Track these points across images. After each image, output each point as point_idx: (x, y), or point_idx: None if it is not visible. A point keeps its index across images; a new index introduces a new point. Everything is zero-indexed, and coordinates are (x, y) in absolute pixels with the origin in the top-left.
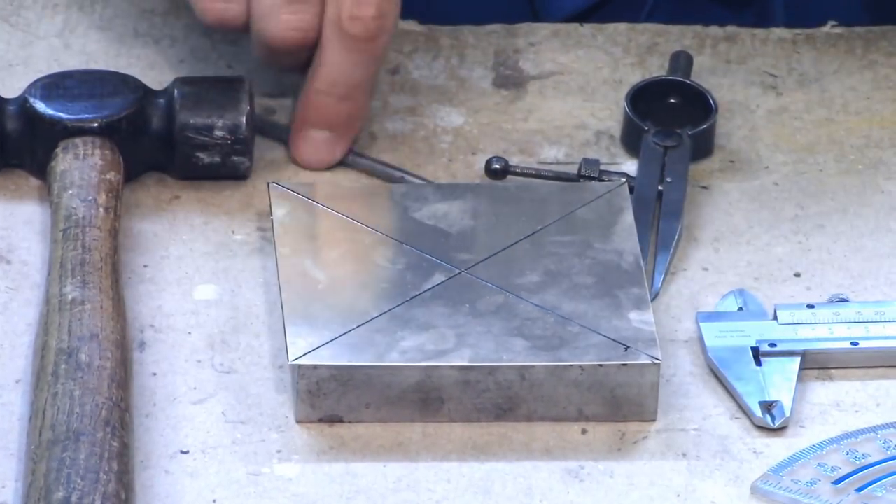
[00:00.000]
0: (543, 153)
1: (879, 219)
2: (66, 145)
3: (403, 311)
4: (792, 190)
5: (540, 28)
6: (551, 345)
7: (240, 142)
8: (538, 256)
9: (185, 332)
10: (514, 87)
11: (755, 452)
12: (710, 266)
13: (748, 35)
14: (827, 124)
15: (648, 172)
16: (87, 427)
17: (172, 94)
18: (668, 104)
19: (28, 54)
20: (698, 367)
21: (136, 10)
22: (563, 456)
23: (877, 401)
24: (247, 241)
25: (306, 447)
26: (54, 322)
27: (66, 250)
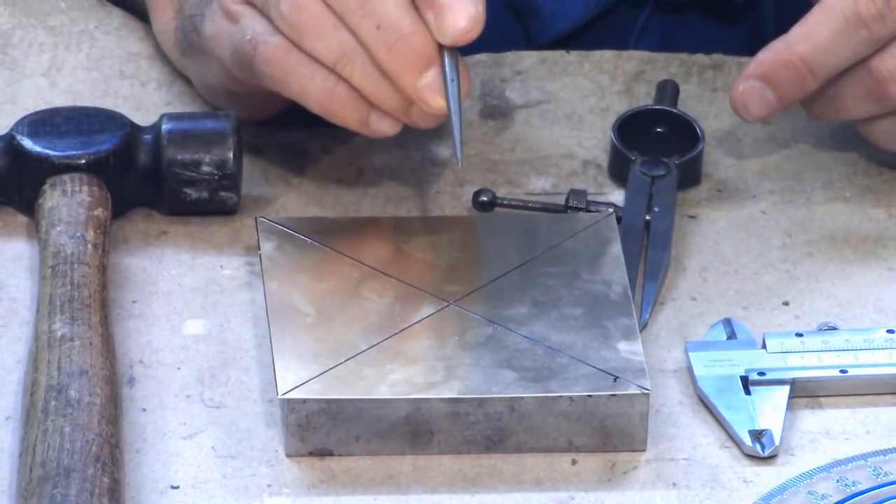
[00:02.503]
0: (531, 184)
1: (867, 246)
2: (53, 182)
3: (392, 343)
4: (780, 218)
5: (526, 56)
6: (540, 376)
7: (227, 177)
8: (526, 288)
9: (174, 367)
10: (500, 117)
11: (745, 481)
12: (698, 295)
13: (734, 63)
14: (814, 152)
15: (636, 202)
16: (78, 463)
17: (159, 129)
18: (655, 133)
19: (15, 92)
20: (688, 397)
21: (123, 51)
22: (554, 487)
23: (866, 428)
24: (235, 276)
25: (297, 481)
26: (44, 359)
27: (54, 287)
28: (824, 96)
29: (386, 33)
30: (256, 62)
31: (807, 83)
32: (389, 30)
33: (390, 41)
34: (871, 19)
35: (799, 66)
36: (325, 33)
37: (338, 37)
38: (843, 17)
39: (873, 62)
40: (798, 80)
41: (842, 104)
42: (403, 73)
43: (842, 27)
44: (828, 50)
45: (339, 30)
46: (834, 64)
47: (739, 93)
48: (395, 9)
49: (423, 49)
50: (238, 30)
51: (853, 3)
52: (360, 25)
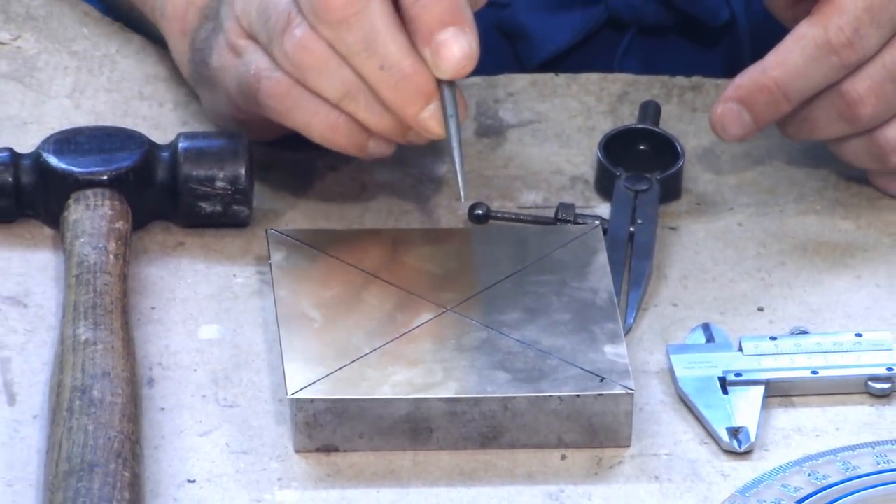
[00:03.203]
0: (523, 198)
1: (836, 256)
2: (77, 197)
3: (394, 347)
4: (755, 230)
5: (518, 79)
6: (532, 377)
7: (240, 192)
8: (519, 295)
9: (190, 369)
10: (494, 136)
11: (723, 475)
12: (679, 302)
13: (712, 85)
14: (787, 169)
15: (620, 215)
16: (101, 459)
17: (176, 147)
18: (638, 151)
19: (41, 112)
20: (669, 397)
21: (142, 74)
22: (545, 480)
23: (836, 425)
24: (247, 284)
25: (304, 475)
26: (69, 361)
27: (78, 294)
28: (798, 118)
29: (389, 73)
30: (260, 96)
31: (781, 106)
32: (392, 70)
33: (394, 80)
34: (841, 46)
35: (774, 90)
36: (328, 72)
37: (341, 75)
38: (814, 44)
39: (843, 86)
40: (773, 103)
41: (814, 125)
42: (406, 108)
43: (814, 53)
44: (801, 75)
45: (341, 68)
46: (807, 88)
47: (718, 114)
48: (397, 50)
49: (425, 86)
50: (242, 63)
51: (824, 31)
52: (365, 66)
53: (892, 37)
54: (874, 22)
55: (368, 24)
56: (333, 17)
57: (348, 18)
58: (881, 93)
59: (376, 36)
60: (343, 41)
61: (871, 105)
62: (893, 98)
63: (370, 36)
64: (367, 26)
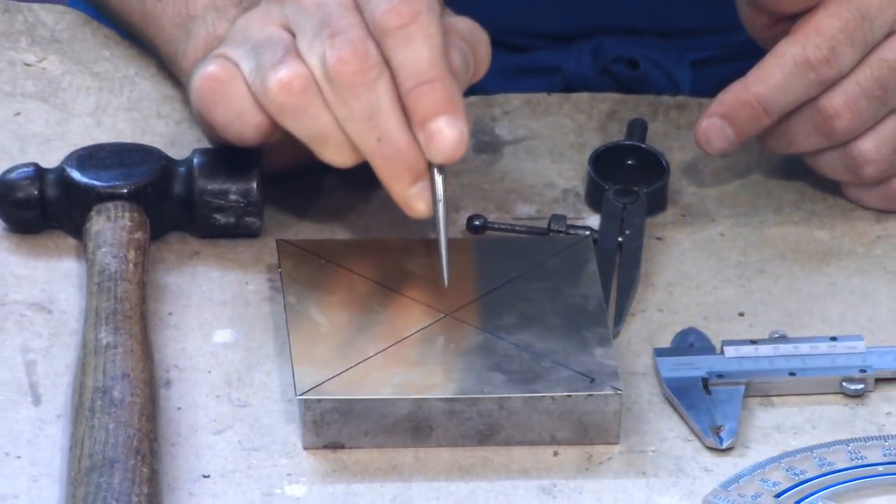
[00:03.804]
0: (517, 210)
1: (813, 264)
2: (99, 209)
3: (396, 350)
4: (736, 240)
5: (513, 98)
6: (526, 378)
7: (252, 204)
8: (514, 301)
9: (205, 371)
10: (491, 152)
11: (706, 470)
12: (664, 308)
13: (696, 104)
14: (766, 182)
15: (610, 226)
16: (121, 455)
17: (192, 162)
18: (626, 166)
19: (65, 130)
20: (655, 397)
21: (160, 94)
22: (538, 475)
23: (813, 424)
24: (259, 291)
25: (312, 470)
26: (91, 364)
27: (100, 301)
28: (777, 132)
29: (384, 146)
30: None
31: (762, 120)
32: (388, 143)
33: (387, 153)
34: (819, 64)
35: (755, 105)
36: (304, 118)
37: (316, 123)
38: (793, 62)
39: (821, 101)
40: (754, 118)
41: (792, 138)
42: (394, 182)
43: (792, 70)
44: (780, 91)
45: (318, 118)
46: (786, 103)
47: (702, 129)
48: (396, 127)
49: (415, 165)
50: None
51: (802, 49)
52: (363, 135)
53: (865, 55)
54: (849, 41)
55: (375, 96)
56: (345, 83)
57: (358, 87)
58: (855, 108)
59: (380, 109)
60: (348, 107)
61: (846, 119)
62: (867, 113)
63: (374, 108)
64: (373, 99)
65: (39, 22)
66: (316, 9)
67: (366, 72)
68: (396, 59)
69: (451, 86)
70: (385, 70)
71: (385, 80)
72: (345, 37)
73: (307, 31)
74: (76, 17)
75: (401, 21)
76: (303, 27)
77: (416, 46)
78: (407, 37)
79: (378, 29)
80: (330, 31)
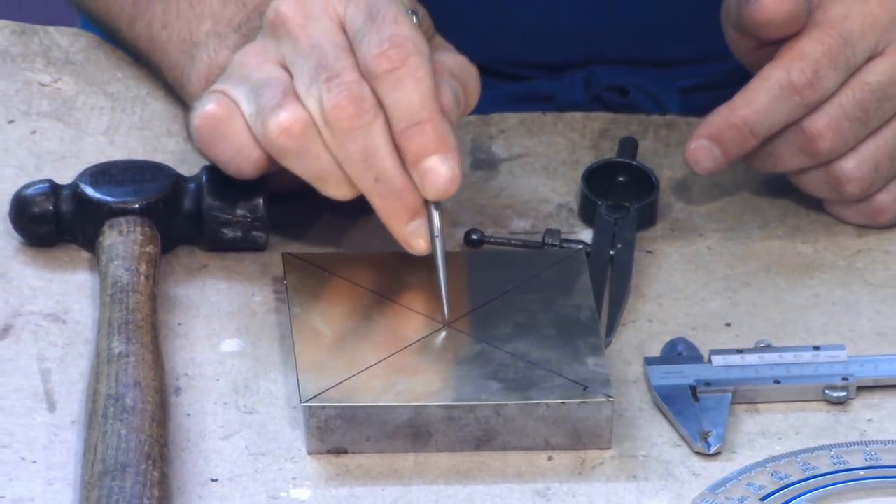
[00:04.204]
0: (513, 224)
1: (797, 276)
2: (111, 223)
3: (397, 359)
4: (723, 253)
5: (509, 117)
6: (522, 386)
7: (258, 219)
8: (510, 312)
9: (213, 379)
10: (487, 168)
11: (694, 474)
12: (654, 318)
13: (684, 122)
14: (752, 198)
15: (602, 240)
16: (132, 460)
17: (201, 179)
18: (617, 182)
19: (79, 148)
20: (646, 404)
21: (170, 113)
22: (533, 479)
23: (797, 430)
24: (265, 302)
25: (316, 474)
26: (104, 372)
27: (112, 312)
28: (763, 152)
29: (381, 185)
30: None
31: (748, 141)
32: (385, 183)
33: (384, 192)
34: (803, 87)
35: (742, 127)
36: (305, 158)
37: (317, 163)
38: (778, 85)
39: (805, 122)
40: (741, 139)
41: (778, 158)
42: (392, 220)
43: (778, 94)
44: (766, 113)
45: (318, 158)
46: (771, 125)
47: (691, 150)
48: (392, 167)
49: (412, 203)
50: None
51: (787, 73)
52: (361, 175)
53: (848, 78)
54: (832, 65)
55: (370, 138)
56: (341, 126)
57: (354, 130)
58: (838, 129)
59: (375, 151)
60: (345, 149)
61: (829, 140)
62: (849, 133)
63: (370, 150)
64: (368, 141)
65: (54, 44)
66: (311, 50)
67: (361, 115)
68: (388, 102)
69: (441, 125)
70: (379, 112)
71: (379, 122)
72: (340, 81)
73: (304, 73)
74: (90, 40)
75: (391, 65)
76: (299, 68)
77: (407, 90)
78: (397, 80)
79: (370, 73)
80: (326, 75)
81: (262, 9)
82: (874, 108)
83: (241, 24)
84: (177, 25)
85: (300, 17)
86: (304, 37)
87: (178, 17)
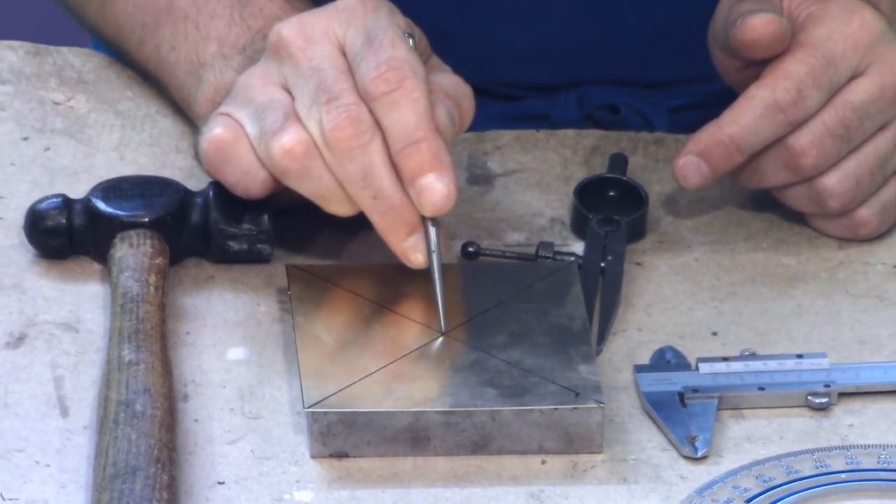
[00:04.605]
0: (508, 237)
1: (781, 287)
2: (122, 236)
3: (396, 366)
4: (709, 265)
5: (504, 134)
6: (516, 393)
7: (263, 233)
8: (504, 321)
9: (220, 386)
10: (483, 183)
11: (682, 477)
12: (643, 327)
13: (673, 139)
14: (737, 212)
15: (593, 252)
16: (142, 464)
17: (208, 194)
18: (608, 197)
19: (90, 164)
20: (635, 409)
21: (179, 131)
22: (528, 482)
23: (780, 435)
24: (269, 312)
25: (319, 478)
26: (114, 379)
27: (123, 321)
28: (748, 168)
29: (380, 202)
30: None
31: (734, 158)
32: (383, 200)
33: (383, 209)
34: (787, 106)
35: (728, 144)
36: (308, 179)
37: (319, 183)
38: (763, 104)
39: (789, 140)
40: (727, 156)
41: (763, 174)
42: (391, 235)
43: (763, 112)
44: (752, 130)
45: (320, 178)
46: (757, 142)
47: (680, 166)
48: (390, 185)
49: (410, 219)
50: None
51: (772, 92)
52: (361, 194)
53: (830, 97)
54: (815, 84)
55: (368, 158)
56: (340, 147)
57: (353, 151)
58: (821, 146)
59: (374, 169)
60: (345, 169)
61: (813, 156)
62: (832, 150)
63: (368, 169)
64: (367, 160)
65: (67, 64)
66: (312, 73)
67: (359, 136)
68: (386, 123)
69: (436, 144)
70: (377, 133)
71: (377, 142)
72: (339, 103)
73: (305, 95)
74: (101, 60)
75: (388, 88)
76: (300, 90)
77: (403, 110)
78: (394, 102)
79: (368, 95)
80: (326, 97)
81: (265, 31)
82: (856, 125)
83: (245, 47)
84: (184, 48)
85: (301, 40)
86: (304, 60)
87: (185, 39)
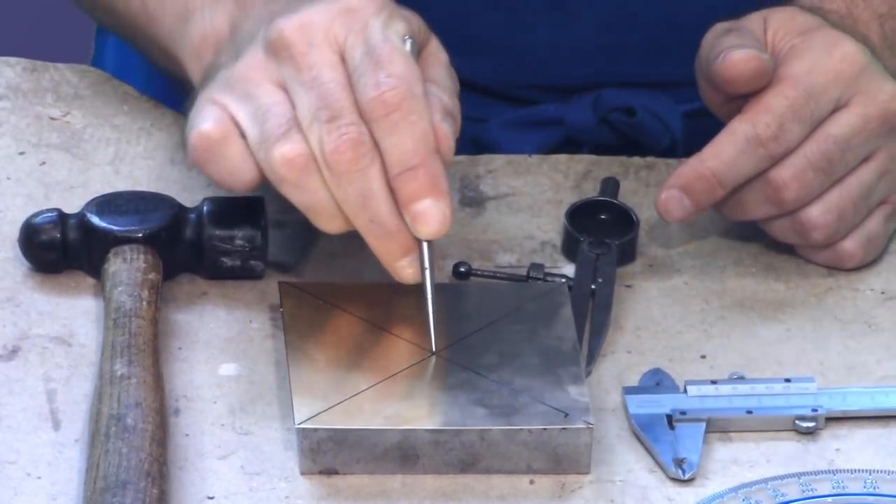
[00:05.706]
0: (499, 259)
1: (769, 311)
2: (116, 251)
3: (386, 385)
4: (699, 288)
5: (496, 158)
6: (505, 412)
7: (256, 249)
8: (495, 342)
9: (211, 401)
10: (476, 206)
11: (669, 499)
12: (632, 349)
13: (663, 164)
14: (727, 236)
15: (583, 275)
16: (133, 478)
17: (202, 210)
18: (599, 220)
19: (86, 178)
20: (624, 431)
21: (173, 143)
22: (515, 502)
23: (767, 458)
24: (261, 329)
25: (308, 494)
26: (106, 393)
27: (116, 335)
28: (731, 201)
29: (376, 225)
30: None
31: (716, 192)
32: (379, 224)
33: (378, 233)
34: (768, 140)
35: (710, 178)
36: (303, 190)
37: (313, 195)
38: (745, 138)
39: (770, 174)
40: (709, 190)
41: (745, 207)
42: (385, 257)
43: (744, 146)
44: (733, 165)
45: (316, 192)
46: (738, 176)
47: (662, 200)
48: (387, 210)
49: (405, 243)
50: None
51: (753, 127)
52: (357, 215)
53: (812, 130)
54: (796, 119)
55: (367, 183)
56: (340, 169)
57: (352, 174)
58: (803, 179)
59: (372, 194)
60: (343, 190)
61: (794, 190)
62: (814, 183)
63: (367, 193)
64: (365, 184)
65: (64, 80)
66: (312, 83)
67: (359, 160)
68: (384, 145)
69: (434, 168)
70: (376, 157)
71: (376, 166)
72: (340, 123)
73: (305, 107)
74: (98, 76)
75: (386, 110)
76: (301, 99)
77: (401, 134)
78: (392, 125)
79: (366, 115)
80: (327, 116)
81: None
82: (838, 158)
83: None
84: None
85: (303, 43)
86: (305, 67)
87: None
